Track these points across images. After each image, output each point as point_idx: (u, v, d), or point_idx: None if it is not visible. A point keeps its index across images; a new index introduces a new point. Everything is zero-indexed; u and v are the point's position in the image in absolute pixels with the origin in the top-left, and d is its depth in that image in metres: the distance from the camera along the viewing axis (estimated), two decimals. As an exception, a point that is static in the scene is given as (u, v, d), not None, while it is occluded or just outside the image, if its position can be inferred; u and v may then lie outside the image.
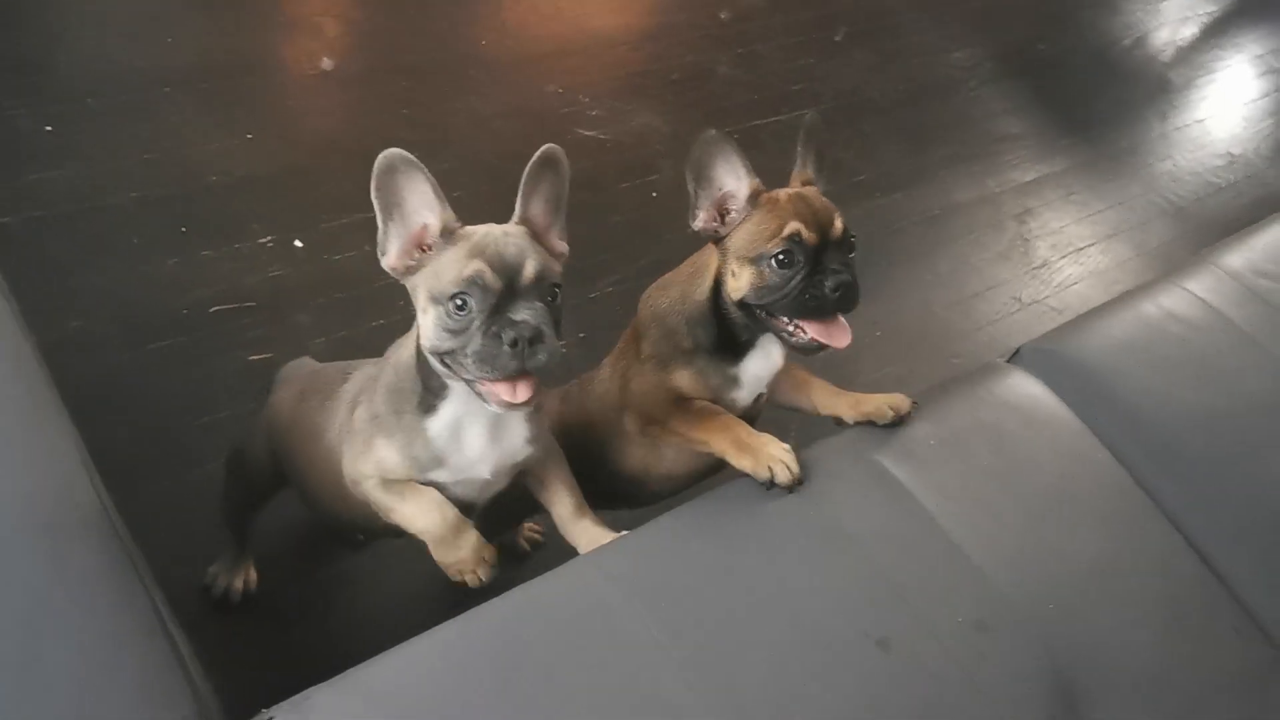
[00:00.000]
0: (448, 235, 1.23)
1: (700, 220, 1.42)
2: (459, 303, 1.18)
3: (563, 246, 1.30)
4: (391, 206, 1.21)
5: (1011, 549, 1.45)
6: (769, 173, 1.48)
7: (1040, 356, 1.76)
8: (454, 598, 1.28)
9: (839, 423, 1.56)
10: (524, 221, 1.27)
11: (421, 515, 1.32)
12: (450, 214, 1.23)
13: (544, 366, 1.19)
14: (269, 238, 2.39)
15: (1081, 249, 3.31)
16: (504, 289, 1.19)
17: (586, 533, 1.40)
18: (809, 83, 3.56)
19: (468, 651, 1.18)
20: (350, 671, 1.14)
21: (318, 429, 1.49)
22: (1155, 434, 1.69)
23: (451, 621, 1.20)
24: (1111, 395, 1.71)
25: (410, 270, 1.25)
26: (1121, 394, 1.72)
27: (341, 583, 1.93)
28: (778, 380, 1.56)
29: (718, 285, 1.44)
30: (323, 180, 2.55)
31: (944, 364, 2.79)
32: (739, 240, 1.40)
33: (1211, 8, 4.62)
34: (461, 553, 1.30)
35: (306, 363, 1.75)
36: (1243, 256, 2.00)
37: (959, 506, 1.46)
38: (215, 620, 1.80)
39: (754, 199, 1.40)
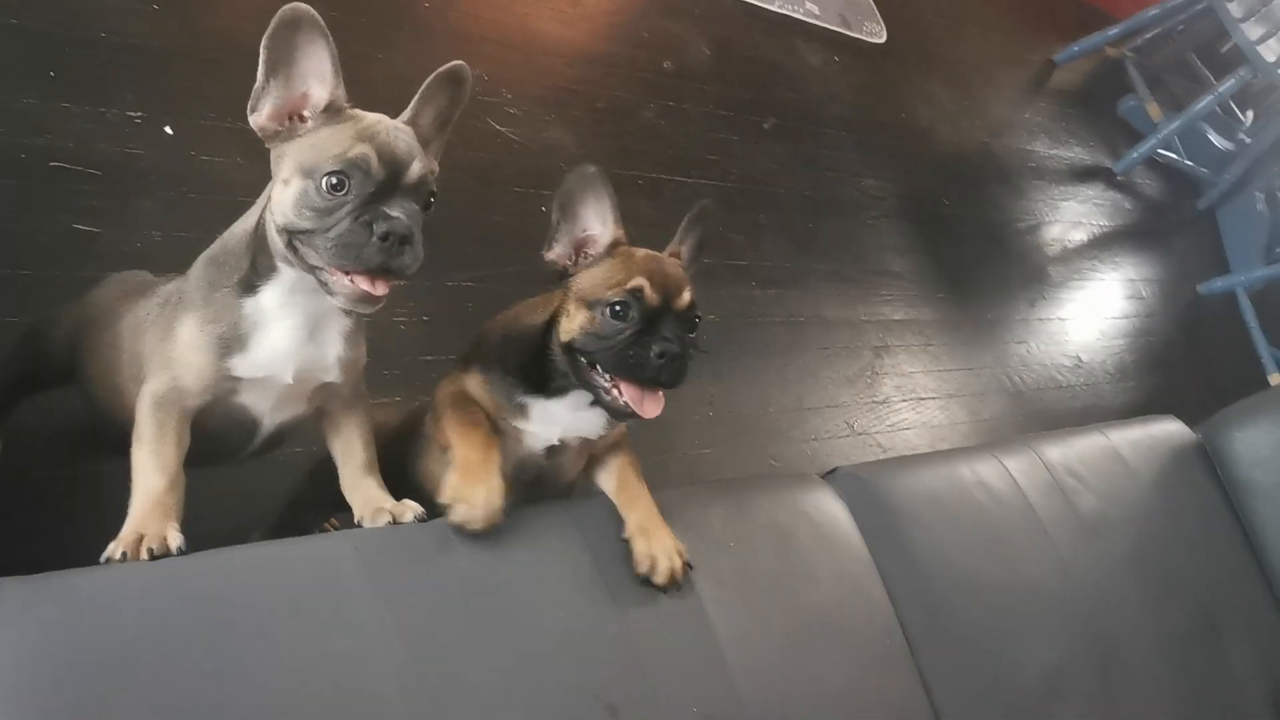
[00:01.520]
0: (334, 112, 1.17)
1: (555, 252, 1.38)
2: (335, 181, 1.12)
3: (434, 166, 1.23)
4: (279, 63, 1.14)
5: (765, 656, 1.45)
6: (658, 228, 1.46)
7: (852, 482, 1.78)
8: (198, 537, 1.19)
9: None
10: (411, 125, 1.22)
11: (150, 468, 1.19)
12: (342, 91, 1.17)
13: (405, 270, 1.14)
14: (139, 113, 2.25)
15: (923, 399, 3.40)
16: (385, 181, 1.13)
17: (366, 491, 1.33)
18: (724, 157, 3.58)
19: (189, 589, 1.10)
20: (55, 573, 1.06)
21: (116, 317, 1.40)
22: (932, 588, 1.73)
23: (185, 556, 1.13)
24: (905, 539, 1.74)
25: (279, 135, 1.17)
26: (914, 540, 1.75)
27: (93, 486, 1.80)
28: (600, 461, 1.50)
29: (552, 323, 1.40)
30: (217, 77, 2.42)
31: (762, 462, 2.81)
32: (583, 282, 1.37)
33: (1105, 223, 4.86)
34: (147, 525, 1.14)
35: (141, 274, 1.64)
36: (1061, 452, 2.07)
37: (729, 598, 1.45)
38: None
39: (612, 247, 1.38)
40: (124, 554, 1.09)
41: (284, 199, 1.15)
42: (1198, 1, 4.84)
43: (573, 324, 1.35)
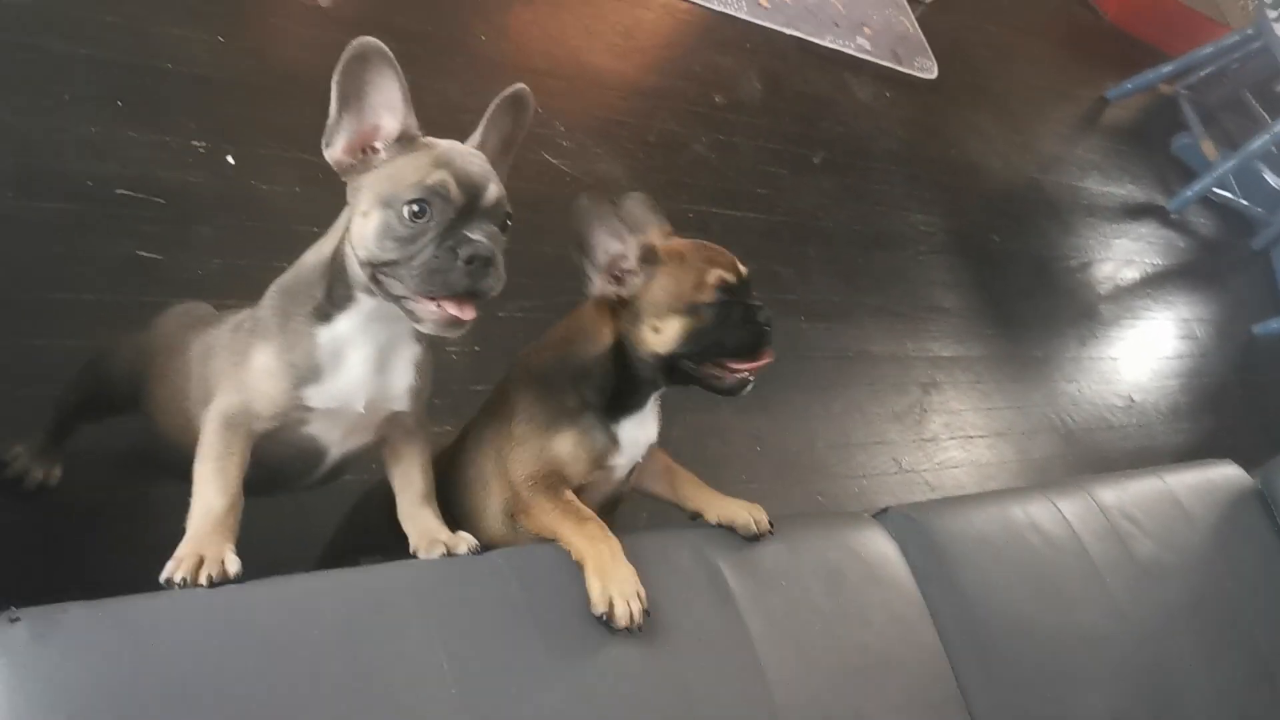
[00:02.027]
0: (406, 141, 1.18)
1: (598, 287, 1.38)
2: (416, 209, 1.13)
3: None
4: (350, 97, 1.15)
5: (814, 695, 1.43)
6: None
7: (904, 522, 1.76)
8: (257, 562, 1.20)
9: (694, 518, 1.54)
10: (480, 149, 1.24)
11: (212, 487, 1.19)
12: (413, 120, 1.18)
13: (490, 291, 1.15)
14: (202, 142, 2.29)
15: (971, 437, 3.37)
16: (463, 206, 1.14)
17: (423, 521, 1.33)
18: (773, 191, 3.59)
19: (244, 618, 1.11)
20: (118, 599, 1.07)
21: (184, 344, 1.41)
22: (984, 631, 1.70)
23: (240, 585, 1.14)
24: (957, 580, 1.72)
25: (354, 169, 1.19)
26: (966, 582, 1.72)
27: (149, 509, 1.82)
28: (645, 465, 1.52)
29: (618, 344, 1.39)
30: (278, 108, 2.47)
31: (808, 498, 2.79)
32: (657, 296, 1.36)
33: (1157, 261, 4.81)
34: (206, 547, 1.13)
35: (205, 306, 1.66)
36: (1116, 495, 2.04)
37: (780, 636, 1.44)
38: (-3, 500, 1.69)
39: (649, 256, 1.37)
40: (184, 579, 1.10)
41: (365, 231, 1.16)
42: (1253, 40, 4.80)
43: (667, 336, 1.37)
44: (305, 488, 1.41)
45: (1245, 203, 5.12)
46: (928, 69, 4.58)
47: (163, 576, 1.11)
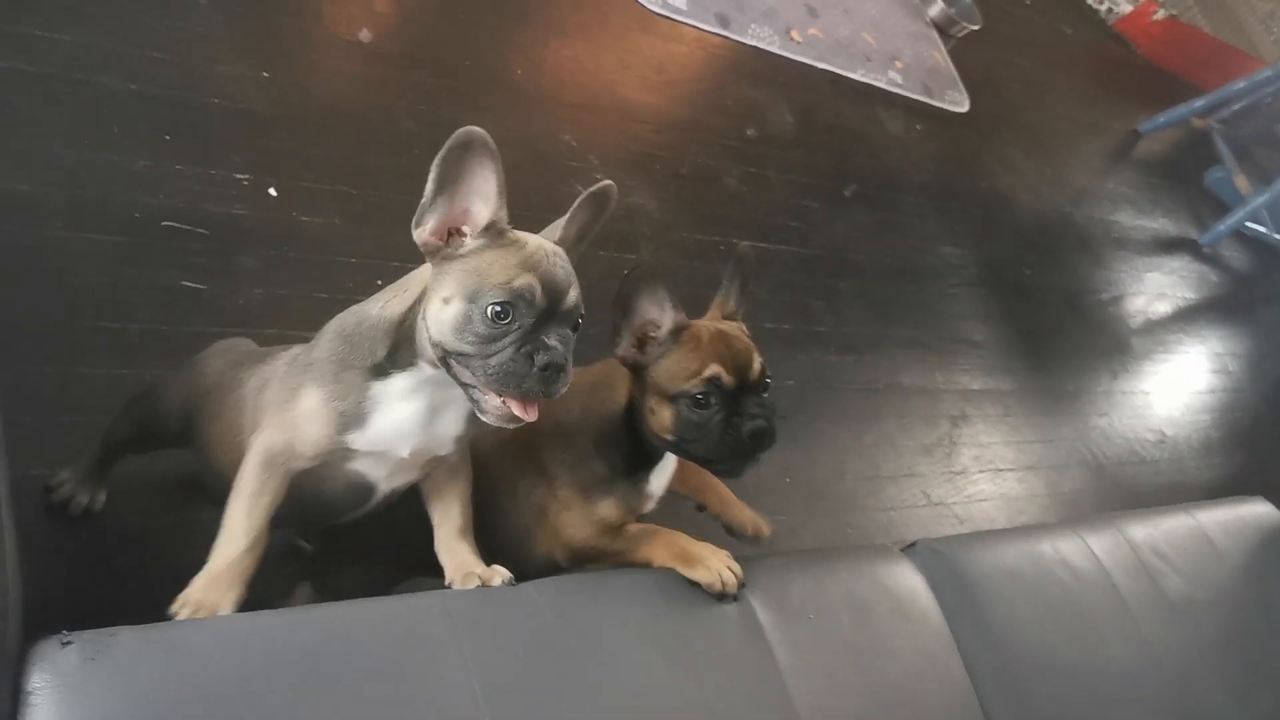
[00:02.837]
0: (495, 233, 1.19)
1: (622, 348, 1.40)
2: (499, 310, 1.14)
3: None
4: (448, 182, 1.16)
5: (843, 728, 1.45)
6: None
7: (932, 556, 1.77)
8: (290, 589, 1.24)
9: (700, 509, 1.62)
10: (560, 243, 1.25)
11: (239, 525, 1.24)
12: (504, 213, 1.19)
13: (557, 394, 1.17)
14: (246, 175, 2.34)
15: (1001, 470, 3.37)
16: (545, 310, 1.16)
17: (459, 554, 1.35)
18: (804, 224, 3.61)
19: (287, 644, 1.14)
20: (166, 623, 1.11)
21: (236, 383, 1.44)
22: (1011, 665, 1.71)
23: (281, 611, 1.18)
24: (985, 615, 1.73)
25: (440, 251, 1.20)
26: (994, 617, 1.73)
27: (189, 534, 1.84)
28: None
29: (631, 405, 1.44)
30: (319, 141, 2.52)
31: (837, 530, 2.80)
32: (660, 375, 1.39)
33: (1190, 295, 4.80)
34: (210, 593, 1.19)
35: (247, 341, 1.70)
36: (1146, 531, 2.04)
37: (808, 668, 1.45)
38: (44, 524, 1.72)
39: (676, 334, 1.39)
40: None
41: (444, 319, 1.17)
42: (1287, 75, 4.79)
43: (662, 420, 1.40)
44: (358, 520, 1.44)
45: (1278, 237, 5.10)
46: (959, 102, 4.60)
47: (170, 610, 1.17)
